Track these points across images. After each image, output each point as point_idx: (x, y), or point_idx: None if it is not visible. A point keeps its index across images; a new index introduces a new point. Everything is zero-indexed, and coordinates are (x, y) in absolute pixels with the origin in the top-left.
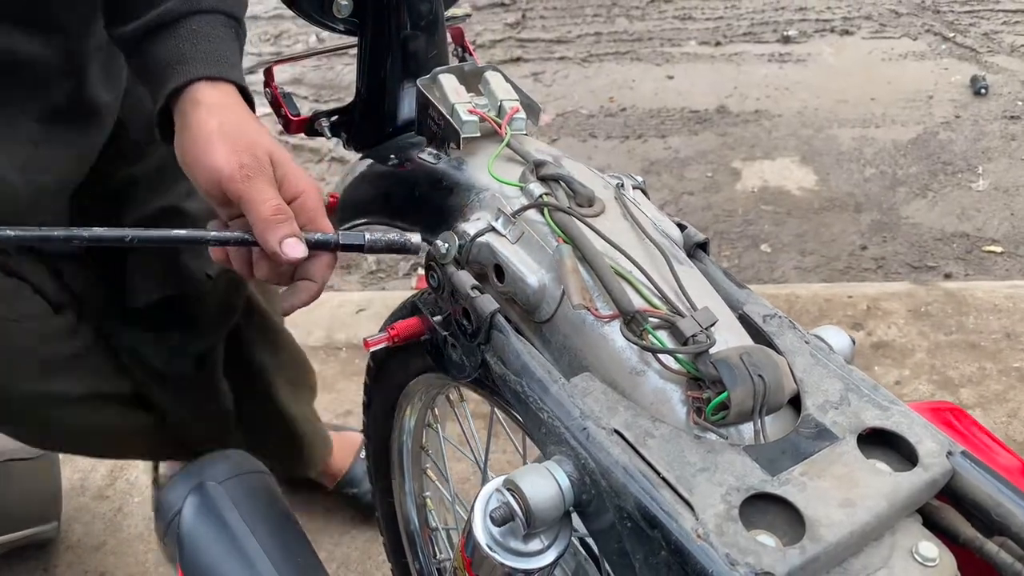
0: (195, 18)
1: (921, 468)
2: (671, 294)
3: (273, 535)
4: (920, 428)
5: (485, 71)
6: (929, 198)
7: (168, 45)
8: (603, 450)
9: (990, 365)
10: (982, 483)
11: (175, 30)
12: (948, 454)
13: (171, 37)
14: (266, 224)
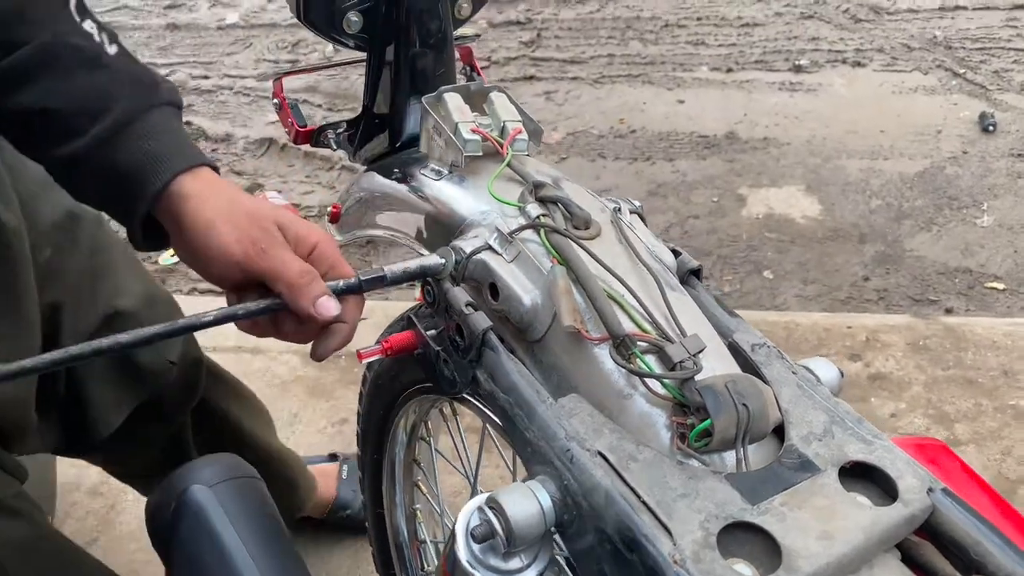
0: (151, 113)
1: (901, 503)
2: (661, 319)
3: (261, 541)
4: (902, 464)
5: (490, 91)
6: (934, 232)
7: (132, 149)
8: (586, 472)
9: (986, 402)
10: (961, 521)
11: (133, 131)
12: (929, 491)
13: (132, 140)
14: (296, 290)
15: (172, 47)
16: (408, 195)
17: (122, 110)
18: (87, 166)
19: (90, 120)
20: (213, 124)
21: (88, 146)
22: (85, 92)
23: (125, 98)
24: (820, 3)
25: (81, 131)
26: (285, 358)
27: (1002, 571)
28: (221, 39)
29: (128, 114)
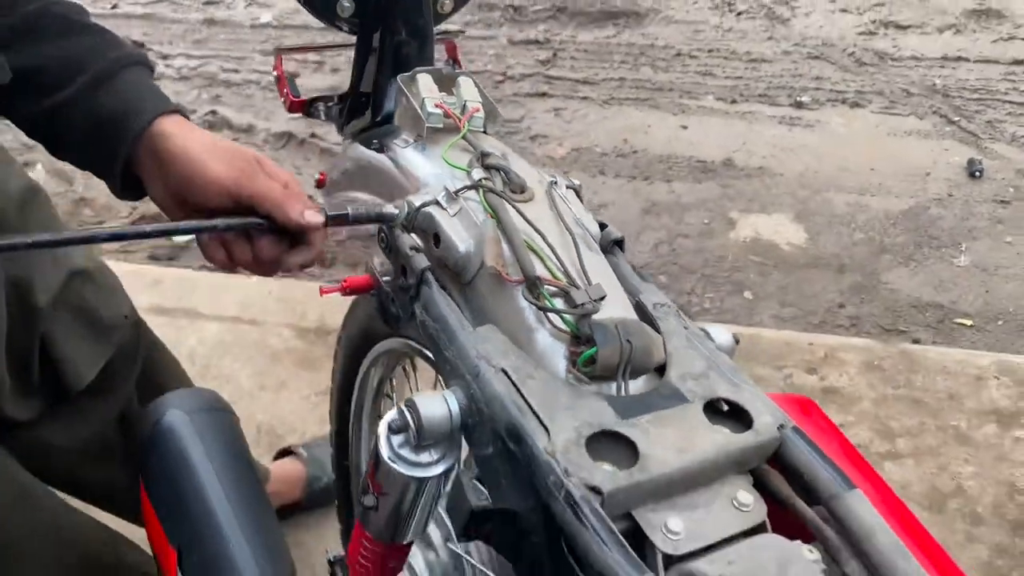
0: (128, 70)
1: (752, 433)
2: (572, 271)
3: (231, 470)
4: (761, 404)
5: (459, 76)
6: (911, 267)
7: (112, 97)
8: (489, 384)
9: (929, 421)
10: (804, 455)
11: (113, 84)
12: (780, 427)
13: (113, 90)
14: (285, 202)
15: (206, 41)
16: (383, 162)
17: (102, 66)
18: (72, 115)
19: (75, 74)
20: (238, 115)
21: (72, 97)
22: (69, 52)
23: (104, 57)
24: (828, 45)
25: (66, 84)
26: (279, 330)
27: (827, 493)
28: (253, 36)
29: (108, 69)
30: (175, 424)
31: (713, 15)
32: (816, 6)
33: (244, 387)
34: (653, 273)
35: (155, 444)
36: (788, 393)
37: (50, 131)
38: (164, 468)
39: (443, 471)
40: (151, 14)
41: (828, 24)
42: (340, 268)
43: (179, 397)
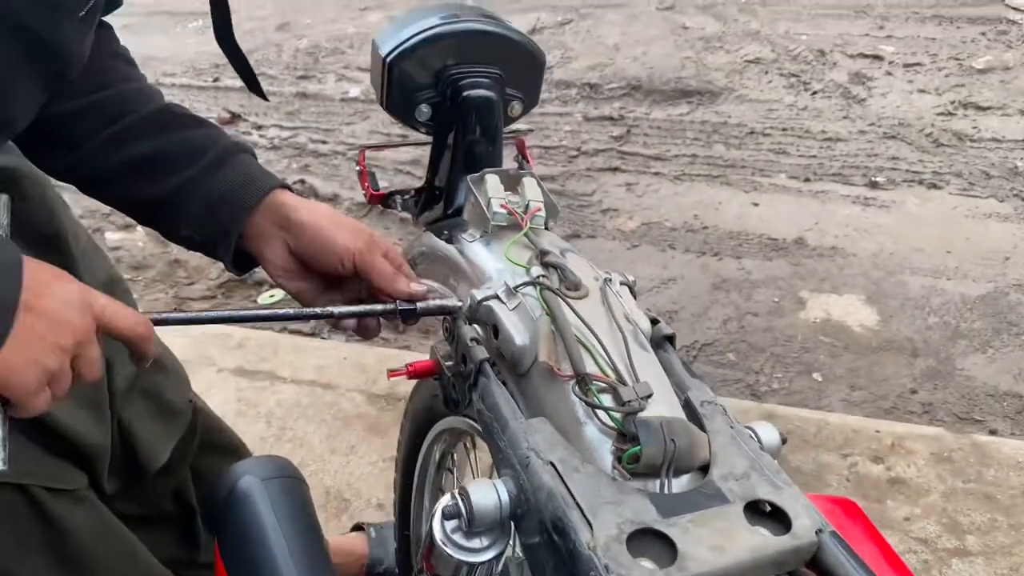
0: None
1: (791, 536)
2: (622, 367)
3: (300, 536)
4: (801, 507)
5: (524, 176)
6: (988, 354)
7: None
8: (537, 475)
9: (1002, 518)
10: (842, 561)
11: (231, 164)
12: (818, 531)
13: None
14: (396, 279)
15: (298, 112)
16: (451, 252)
17: (221, 149)
18: (194, 190)
19: (196, 157)
20: (324, 184)
21: (195, 175)
22: (190, 139)
23: (221, 143)
24: (905, 125)
25: (189, 165)
26: (352, 396)
27: None
28: (342, 110)
29: (226, 152)
30: (250, 490)
31: (788, 94)
32: (893, 86)
33: (316, 450)
34: (721, 350)
35: (230, 508)
36: (832, 495)
37: (168, 211)
38: (238, 531)
39: (493, 556)
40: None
41: (905, 104)
42: (412, 334)
43: (254, 464)
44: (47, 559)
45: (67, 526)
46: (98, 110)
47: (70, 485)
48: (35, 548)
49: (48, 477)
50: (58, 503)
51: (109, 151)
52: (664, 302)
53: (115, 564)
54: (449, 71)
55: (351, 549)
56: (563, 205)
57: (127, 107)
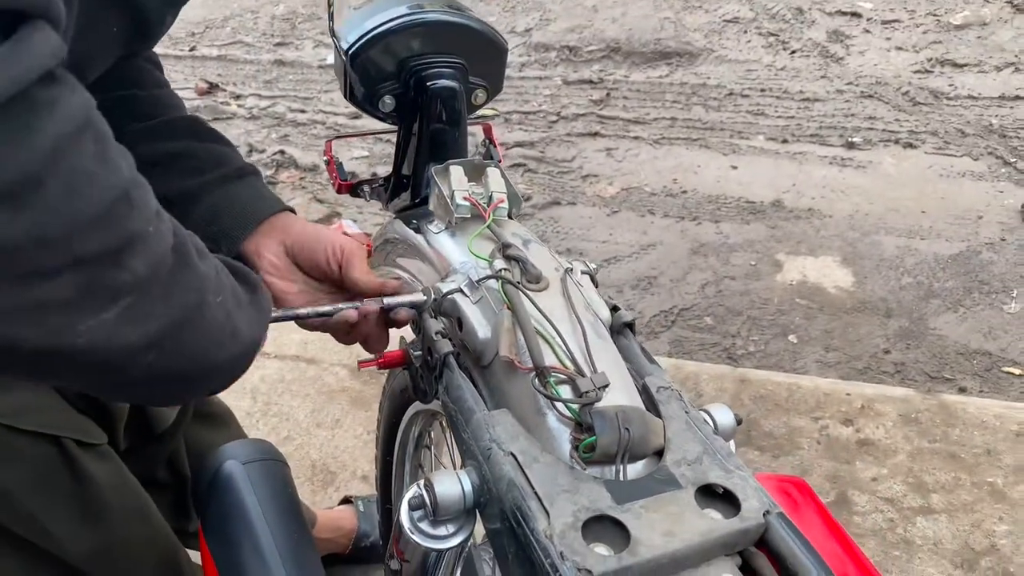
0: (257, 176)
1: (739, 519)
2: (580, 359)
3: (281, 518)
4: (750, 490)
5: (487, 167)
6: (960, 313)
7: (248, 190)
8: (498, 466)
9: (965, 476)
10: (787, 540)
11: (248, 182)
12: (766, 513)
13: (247, 185)
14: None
15: (276, 81)
16: (419, 242)
17: (240, 166)
18: (206, 195)
19: (217, 167)
20: (303, 155)
21: (211, 181)
22: (215, 151)
23: (241, 162)
24: (882, 84)
25: (208, 171)
26: (335, 370)
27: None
28: (320, 77)
29: (243, 170)
30: (232, 473)
31: (767, 54)
32: (871, 44)
33: (301, 424)
34: (699, 315)
35: (213, 491)
36: (779, 475)
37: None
38: (221, 515)
39: (458, 543)
40: (225, 55)
41: (883, 62)
42: None
43: (236, 448)
44: (71, 510)
45: (92, 479)
46: (132, 104)
47: (95, 440)
48: (64, 500)
49: (77, 430)
50: (86, 456)
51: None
52: (644, 268)
53: (129, 521)
54: (411, 62)
55: (339, 523)
56: (543, 172)
57: (161, 109)
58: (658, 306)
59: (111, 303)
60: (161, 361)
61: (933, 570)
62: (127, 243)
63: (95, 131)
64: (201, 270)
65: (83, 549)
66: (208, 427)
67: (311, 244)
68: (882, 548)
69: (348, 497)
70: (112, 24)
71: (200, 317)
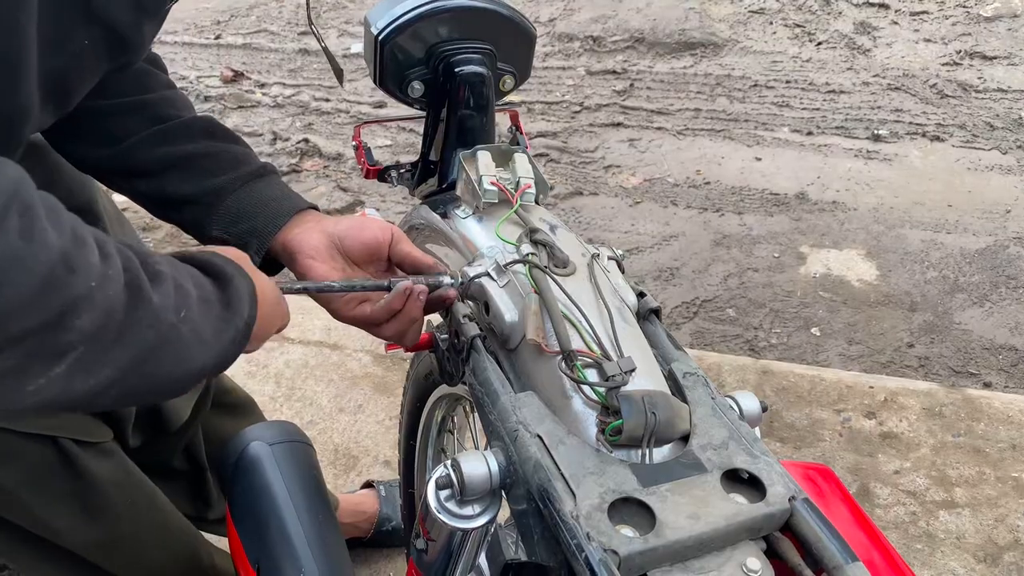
0: (276, 175)
1: (764, 504)
2: (607, 343)
3: (306, 498)
4: (776, 475)
5: (515, 152)
6: (986, 308)
7: (271, 188)
8: (525, 447)
9: (989, 471)
10: (813, 526)
11: (269, 180)
12: (791, 498)
13: (269, 184)
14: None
15: (301, 70)
16: (446, 227)
17: (260, 165)
18: (232, 194)
19: (238, 165)
20: (327, 143)
21: (234, 180)
22: (233, 149)
23: (260, 161)
24: (909, 76)
25: (230, 170)
26: (358, 356)
27: (831, 564)
28: (344, 66)
29: (265, 169)
30: (259, 455)
31: (792, 45)
32: (899, 36)
33: (324, 409)
34: (721, 306)
35: (239, 472)
36: (807, 462)
37: (202, 209)
38: (247, 495)
39: (484, 523)
40: (250, 44)
41: (911, 54)
42: None
43: (262, 429)
44: (72, 507)
45: (93, 477)
46: (147, 108)
47: (97, 438)
48: (62, 497)
49: (77, 430)
50: (86, 454)
51: (155, 146)
52: (666, 259)
53: (136, 514)
54: (441, 48)
55: (361, 507)
56: (566, 162)
57: (173, 110)
58: (680, 297)
59: (58, 361)
60: (128, 391)
61: (955, 564)
62: (69, 308)
63: (20, 205)
64: (155, 301)
65: (87, 542)
66: (230, 417)
67: (355, 231)
68: (904, 541)
69: (370, 481)
70: (83, 38)
71: (161, 345)
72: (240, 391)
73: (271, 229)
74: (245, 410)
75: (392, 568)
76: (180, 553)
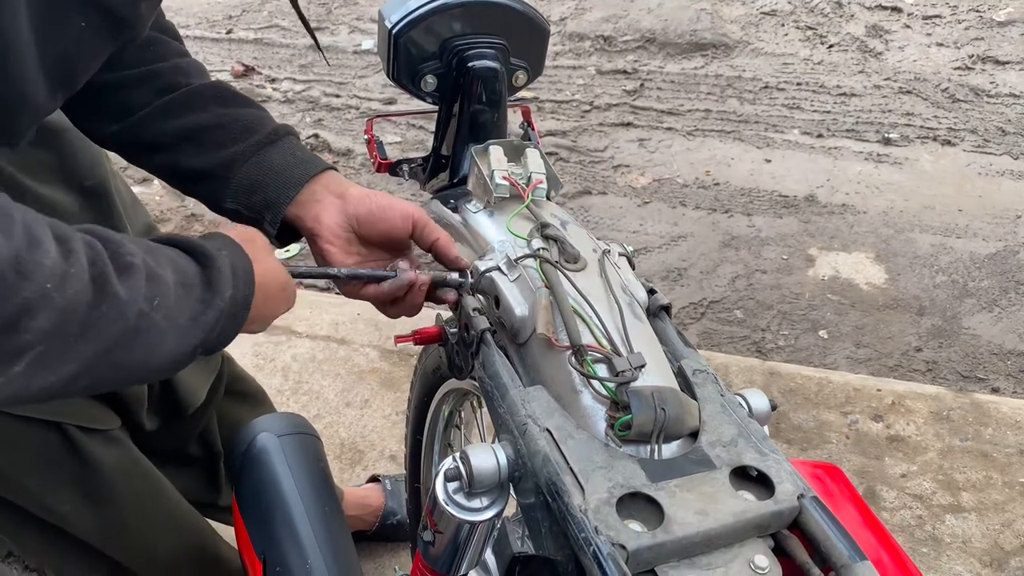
0: (291, 137)
1: (773, 501)
2: (617, 338)
3: (313, 490)
4: (785, 473)
5: (527, 147)
6: (995, 313)
7: (283, 154)
8: (533, 441)
9: (997, 475)
10: (821, 524)
11: (283, 144)
12: (800, 496)
13: (283, 149)
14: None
15: (311, 65)
16: (457, 222)
17: (272, 130)
18: (244, 165)
19: (249, 133)
20: (337, 139)
21: (244, 151)
22: (244, 116)
23: (272, 124)
24: (920, 80)
25: (240, 140)
26: (366, 351)
27: (839, 562)
28: (355, 62)
29: (276, 133)
30: (267, 446)
31: (804, 47)
32: (911, 40)
33: (331, 403)
34: (729, 308)
35: (247, 463)
36: (815, 461)
37: (216, 182)
38: (254, 486)
39: (492, 516)
40: (261, 39)
41: (923, 58)
42: None
43: (270, 421)
44: (75, 492)
45: (98, 464)
46: (155, 79)
47: (102, 425)
48: (66, 482)
49: (81, 417)
50: (91, 441)
51: (164, 118)
52: (674, 259)
53: (141, 503)
54: (454, 42)
55: (367, 500)
56: (575, 161)
57: (183, 78)
58: (688, 298)
59: (16, 361)
60: (98, 379)
61: (961, 568)
62: (22, 311)
63: None
64: (122, 294)
65: (92, 528)
66: (242, 405)
67: (379, 212)
68: (910, 545)
69: (376, 476)
70: (80, 21)
71: (129, 335)
72: (253, 381)
73: (283, 200)
74: (257, 399)
75: (396, 561)
76: (186, 543)
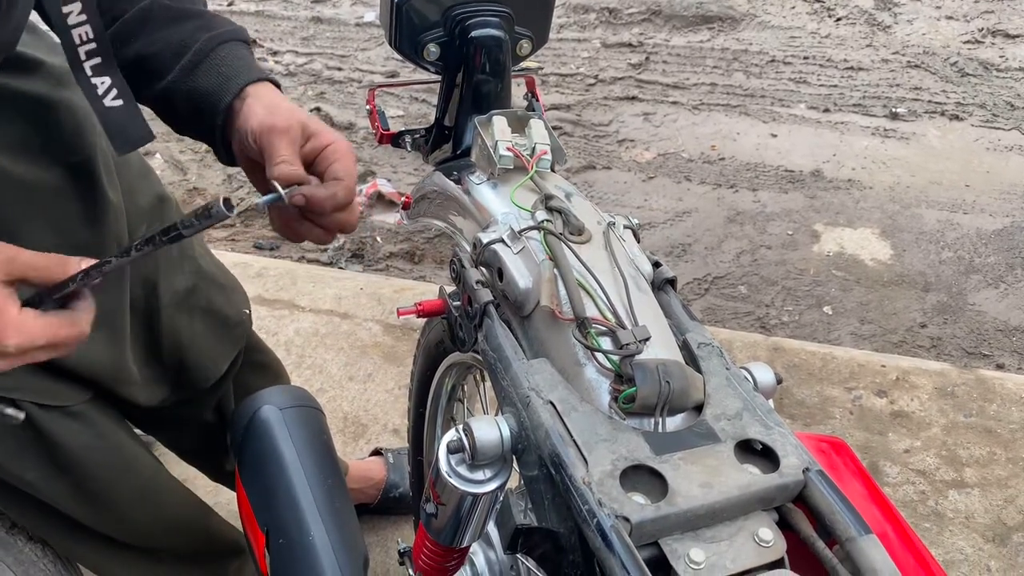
0: (222, 48)
1: (777, 475)
2: (621, 311)
3: (316, 462)
4: (791, 447)
5: (531, 118)
6: (1001, 289)
7: (206, 78)
8: (536, 413)
9: (1000, 451)
10: (826, 498)
11: (209, 62)
12: (805, 470)
13: (207, 71)
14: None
15: (313, 38)
16: (460, 194)
17: (198, 47)
18: (176, 97)
19: (176, 58)
20: (339, 112)
21: (174, 80)
22: (172, 38)
23: (202, 37)
24: (929, 53)
25: (170, 69)
26: (368, 325)
27: (844, 536)
28: (357, 35)
29: (203, 50)
30: (269, 418)
31: (811, 20)
32: (920, 13)
33: (334, 377)
34: (733, 283)
35: (250, 435)
36: (820, 435)
37: (167, 112)
38: (257, 458)
39: (495, 488)
40: (263, 11)
41: (931, 32)
42: (428, 264)
43: (273, 393)
44: (39, 461)
45: (57, 438)
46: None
47: (60, 401)
48: (28, 452)
49: (36, 393)
50: (48, 416)
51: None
52: (678, 235)
53: (112, 476)
54: (457, 10)
55: (369, 474)
56: (579, 135)
57: (117, 7)
58: (692, 273)
59: None
60: None
61: (964, 543)
62: None
63: None
64: None
65: (59, 495)
66: (260, 375)
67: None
68: (912, 520)
69: (378, 449)
70: None
71: None
72: (271, 352)
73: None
74: (273, 370)
75: (399, 534)
76: (169, 516)
